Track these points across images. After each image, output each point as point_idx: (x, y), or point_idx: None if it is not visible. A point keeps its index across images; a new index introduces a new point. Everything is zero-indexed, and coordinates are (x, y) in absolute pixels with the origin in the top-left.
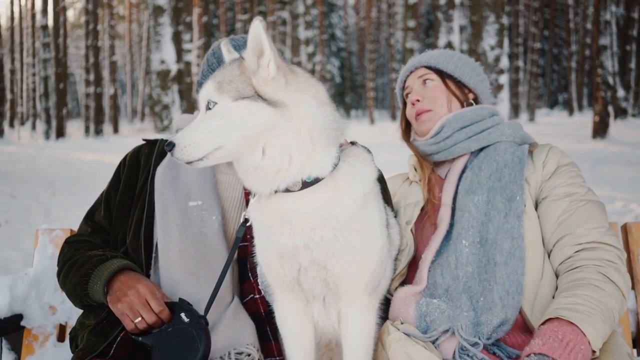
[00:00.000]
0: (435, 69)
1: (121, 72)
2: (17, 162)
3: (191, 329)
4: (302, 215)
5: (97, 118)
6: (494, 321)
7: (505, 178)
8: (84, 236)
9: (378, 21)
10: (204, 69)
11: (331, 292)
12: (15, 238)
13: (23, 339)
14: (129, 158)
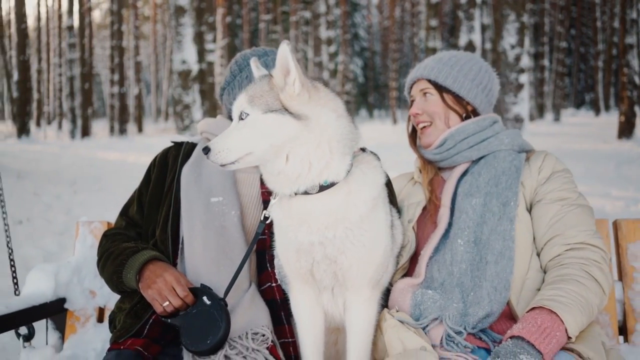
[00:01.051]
0: (434, 83)
1: (146, 72)
2: (42, 160)
3: (213, 310)
4: (318, 216)
5: (121, 118)
6: (480, 313)
7: (502, 184)
8: (120, 229)
9: (402, 20)
10: (227, 77)
11: (339, 283)
12: (35, 235)
13: (66, 320)
14: (159, 159)
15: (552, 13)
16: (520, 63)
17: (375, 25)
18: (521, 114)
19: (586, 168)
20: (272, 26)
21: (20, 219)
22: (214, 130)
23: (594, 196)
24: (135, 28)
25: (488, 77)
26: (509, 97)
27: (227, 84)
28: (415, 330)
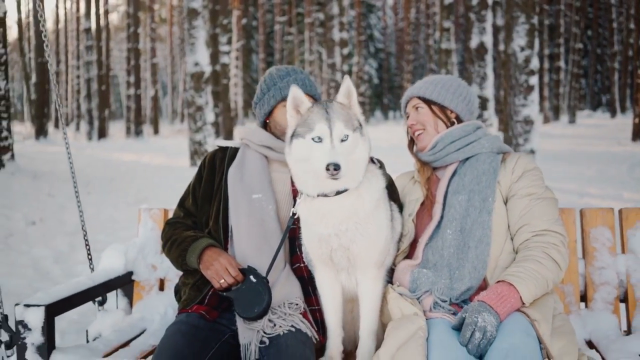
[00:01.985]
0: (423, 99)
1: (163, 74)
2: (58, 162)
3: (258, 286)
4: (334, 213)
5: (137, 119)
6: (462, 288)
7: (482, 183)
8: (179, 219)
9: (417, 22)
10: (258, 94)
11: (352, 265)
12: (47, 236)
13: (134, 289)
14: (208, 160)
15: (568, 14)
16: (530, 65)
17: (390, 26)
18: (531, 116)
19: (599, 170)
20: (287, 28)
21: (33, 219)
22: (251, 137)
23: (605, 198)
24: (151, 30)
25: (467, 91)
26: (518, 99)
27: (259, 100)
28: (411, 301)
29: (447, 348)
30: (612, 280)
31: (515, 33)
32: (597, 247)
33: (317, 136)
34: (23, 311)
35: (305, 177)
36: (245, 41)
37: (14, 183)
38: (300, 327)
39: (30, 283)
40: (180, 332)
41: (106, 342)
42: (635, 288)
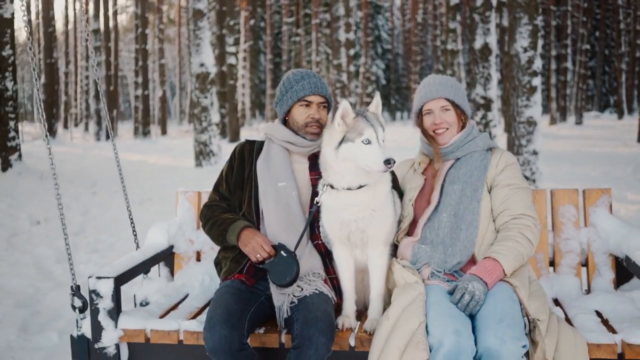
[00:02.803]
0: (451, 102)
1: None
2: (66, 162)
3: (288, 259)
4: (356, 204)
5: (145, 120)
6: (454, 261)
7: (474, 177)
8: (215, 202)
9: (424, 23)
10: (278, 94)
11: (364, 243)
12: (50, 236)
13: (174, 260)
14: (238, 151)
15: (575, 15)
16: (533, 66)
17: (398, 27)
18: (534, 117)
19: (604, 172)
20: (294, 29)
21: (38, 219)
22: (274, 134)
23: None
24: (159, 31)
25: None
26: (521, 101)
27: (279, 100)
28: (412, 271)
29: (442, 306)
30: (576, 248)
31: (518, 34)
32: (564, 222)
33: (366, 139)
34: (95, 282)
35: (344, 174)
36: (253, 42)
37: (20, 183)
38: (323, 290)
39: (31, 282)
40: (228, 292)
41: (158, 305)
42: (595, 255)
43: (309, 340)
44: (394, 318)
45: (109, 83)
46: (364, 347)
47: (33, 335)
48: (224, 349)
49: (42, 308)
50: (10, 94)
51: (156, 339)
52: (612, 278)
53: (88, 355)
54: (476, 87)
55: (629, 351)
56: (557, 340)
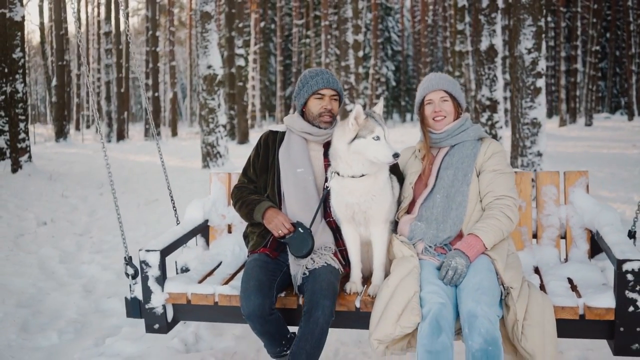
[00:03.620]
0: (449, 93)
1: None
2: (75, 163)
3: (305, 235)
4: (358, 189)
5: (155, 121)
6: (444, 236)
7: (465, 163)
8: (244, 184)
9: (434, 24)
10: (296, 90)
11: (367, 222)
12: (56, 236)
13: (209, 232)
14: (263, 140)
15: (586, 16)
16: (537, 67)
17: (408, 29)
18: (538, 118)
19: (611, 173)
20: (304, 31)
21: (45, 220)
22: (294, 125)
23: (615, 202)
24: (170, 33)
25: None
26: (525, 102)
27: (297, 94)
28: (408, 246)
29: (432, 282)
30: (556, 223)
31: (522, 35)
32: (546, 200)
33: (376, 136)
34: (145, 254)
35: (352, 164)
36: (264, 44)
37: (30, 184)
38: (330, 263)
39: (34, 282)
40: (258, 265)
41: (197, 272)
42: (572, 229)
43: (316, 304)
44: (393, 286)
45: (120, 85)
46: (367, 308)
47: (33, 335)
48: (257, 314)
49: (43, 308)
50: (20, 96)
51: (195, 301)
52: (587, 249)
53: (140, 314)
54: (482, 88)
55: (589, 313)
56: (527, 303)
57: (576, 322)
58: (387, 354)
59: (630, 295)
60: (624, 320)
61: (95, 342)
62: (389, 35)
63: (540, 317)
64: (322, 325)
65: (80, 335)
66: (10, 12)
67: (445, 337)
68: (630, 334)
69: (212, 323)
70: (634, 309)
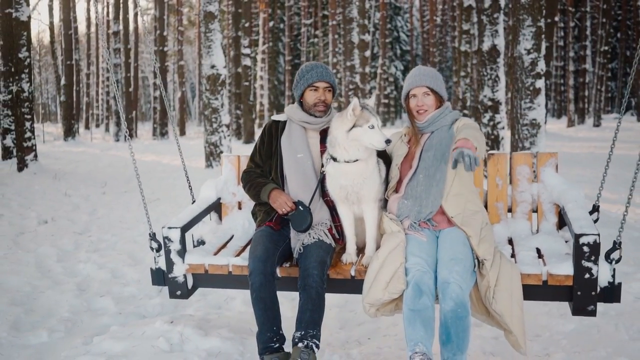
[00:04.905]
0: (431, 89)
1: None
2: (82, 162)
3: (304, 212)
4: (352, 172)
5: (162, 121)
6: (427, 211)
7: (443, 144)
8: (252, 169)
9: (443, 24)
10: (295, 83)
11: (359, 201)
12: (55, 235)
13: (222, 209)
14: (267, 129)
15: (596, 16)
16: (537, 68)
17: (417, 28)
18: (537, 119)
19: (615, 174)
20: (313, 30)
21: (46, 218)
22: (293, 115)
23: (617, 203)
24: (179, 33)
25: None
26: (524, 103)
27: (295, 86)
28: (396, 222)
29: (416, 254)
30: (528, 199)
31: (521, 36)
32: (520, 179)
33: (371, 125)
34: (168, 231)
35: (349, 150)
36: (273, 44)
37: (34, 183)
38: (323, 238)
39: (29, 281)
40: (264, 235)
41: (211, 245)
42: (543, 204)
43: (308, 274)
44: (382, 258)
45: (129, 84)
46: (361, 276)
47: (24, 333)
48: (260, 270)
49: (36, 306)
50: (26, 95)
51: (212, 270)
52: (555, 222)
53: (164, 282)
54: (484, 89)
55: (551, 279)
56: (498, 272)
57: (540, 287)
58: (378, 315)
59: (586, 265)
60: (580, 285)
61: (84, 341)
62: (397, 35)
63: (509, 284)
64: (316, 289)
65: (70, 334)
66: (17, 12)
67: (426, 299)
68: (586, 297)
69: (198, 322)
70: (589, 276)
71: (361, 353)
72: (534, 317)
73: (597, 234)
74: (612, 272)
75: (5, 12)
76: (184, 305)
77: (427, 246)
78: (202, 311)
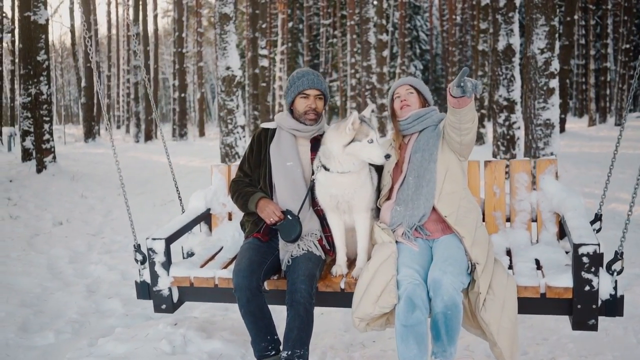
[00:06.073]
0: (414, 87)
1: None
2: (100, 163)
3: (293, 221)
4: (343, 182)
5: (181, 122)
6: (419, 214)
7: (430, 144)
8: (240, 178)
9: (463, 23)
10: (285, 89)
11: (350, 210)
12: (69, 237)
13: (212, 220)
14: (256, 137)
15: (618, 14)
16: (550, 67)
17: (437, 27)
18: (551, 119)
19: (633, 175)
20: (331, 30)
21: (61, 220)
22: (283, 123)
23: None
24: (198, 34)
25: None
26: (538, 103)
27: (285, 93)
28: (388, 232)
29: (408, 265)
30: (527, 208)
31: (534, 35)
32: (518, 187)
33: (370, 139)
34: (152, 242)
35: (344, 163)
36: (292, 44)
37: (52, 184)
38: (312, 250)
39: (40, 282)
40: (250, 247)
41: (199, 257)
42: (542, 213)
43: (295, 288)
44: (373, 270)
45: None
46: (351, 289)
47: (31, 334)
48: (245, 286)
49: (46, 307)
50: (44, 98)
51: (198, 283)
52: (556, 232)
53: (149, 296)
54: (499, 88)
55: (549, 292)
56: (491, 280)
57: (538, 300)
58: (368, 329)
59: (586, 276)
60: (580, 298)
61: (89, 342)
62: (417, 34)
63: (502, 294)
64: (304, 305)
65: (77, 335)
66: (35, 15)
67: (419, 313)
68: (586, 310)
69: (202, 324)
70: (590, 288)
71: (364, 356)
72: (541, 320)
73: (597, 244)
74: (614, 284)
75: (24, 15)
76: (190, 307)
77: (420, 256)
78: (208, 313)
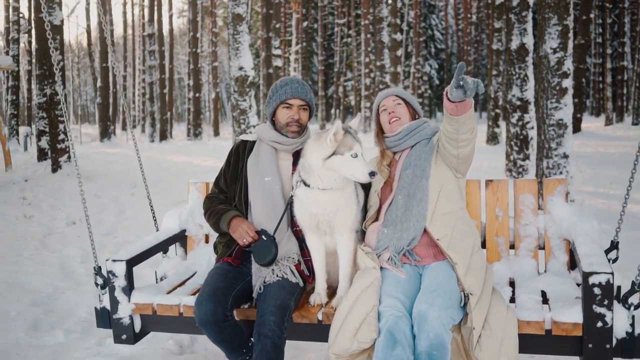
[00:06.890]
0: (402, 98)
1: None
2: (114, 163)
3: (268, 242)
4: (325, 200)
5: (196, 121)
6: (409, 237)
7: (422, 159)
8: (215, 194)
9: (479, 21)
10: (267, 99)
11: (332, 231)
12: (82, 236)
13: (187, 242)
14: (234, 150)
15: (636, 12)
16: (563, 67)
17: (452, 26)
18: (564, 119)
19: None
20: (346, 30)
21: (74, 219)
22: (263, 135)
23: None
24: (213, 34)
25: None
26: (551, 103)
27: (267, 103)
28: (372, 256)
29: (391, 295)
30: (533, 233)
31: (547, 35)
32: (523, 209)
33: (354, 153)
34: (112, 264)
35: (324, 178)
36: (306, 43)
37: (66, 184)
38: (288, 277)
39: (52, 282)
40: (217, 273)
41: (168, 282)
42: (551, 239)
43: (264, 321)
44: (352, 299)
45: (163, 86)
46: (329, 320)
47: (42, 333)
48: (210, 321)
49: (56, 307)
50: (59, 98)
51: (161, 311)
52: (566, 260)
53: (109, 324)
54: (512, 88)
55: (556, 328)
56: (487, 314)
57: (543, 337)
58: None
59: (598, 310)
60: (592, 336)
61: (98, 342)
62: (432, 33)
63: (501, 330)
64: (272, 338)
65: (87, 335)
66: (50, 15)
67: (401, 350)
68: (599, 351)
69: None
70: (602, 324)
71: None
72: None
73: (610, 272)
74: (631, 320)
75: (39, 16)
76: None
77: (406, 285)
78: None
